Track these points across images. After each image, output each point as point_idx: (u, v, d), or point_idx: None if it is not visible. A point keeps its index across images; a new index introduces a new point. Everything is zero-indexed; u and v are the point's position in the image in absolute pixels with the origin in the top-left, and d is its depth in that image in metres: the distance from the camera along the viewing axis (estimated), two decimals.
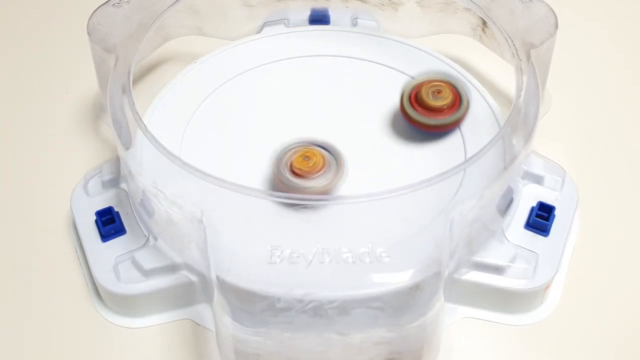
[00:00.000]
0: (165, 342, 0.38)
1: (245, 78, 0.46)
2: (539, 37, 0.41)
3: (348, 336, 0.34)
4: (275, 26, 0.49)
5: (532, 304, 0.39)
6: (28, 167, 0.46)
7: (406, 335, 0.34)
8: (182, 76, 0.45)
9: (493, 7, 0.44)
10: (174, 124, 0.43)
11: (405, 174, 0.40)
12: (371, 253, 0.35)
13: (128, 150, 0.38)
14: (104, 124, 0.47)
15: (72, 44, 0.53)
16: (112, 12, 0.44)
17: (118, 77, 0.40)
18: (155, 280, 0.38)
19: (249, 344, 0.34)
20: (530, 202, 0.41)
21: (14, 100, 0.50)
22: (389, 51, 0.47)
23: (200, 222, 0.35)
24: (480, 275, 0.38)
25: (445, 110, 0.40)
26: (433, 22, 0.48)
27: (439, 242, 0.35)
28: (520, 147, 0.38)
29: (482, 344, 0.38)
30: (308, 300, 0.33)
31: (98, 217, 0.40)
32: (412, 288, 0.34)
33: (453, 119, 0.40)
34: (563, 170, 0.42)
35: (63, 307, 0.39)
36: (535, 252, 0.38)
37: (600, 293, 0.40)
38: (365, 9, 0.49)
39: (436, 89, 0.40)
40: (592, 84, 0.50)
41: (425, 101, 0.40)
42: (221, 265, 0.34)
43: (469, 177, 0.38)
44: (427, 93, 0.40)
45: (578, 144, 0.47)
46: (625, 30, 0.54)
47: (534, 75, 0.40)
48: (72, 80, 0.51)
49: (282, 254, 0.34)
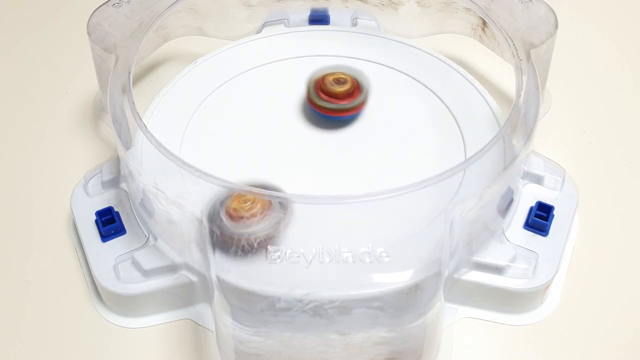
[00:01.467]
0: (165, 342, 0.38)
1: (245, 78, 0.46)
2: (539, 37, 0.41)
3: (348, 336, 0.34)
4: (275, 26, 0.49)
5: (532, 304, 0.39)
6: (28, 167, 0.46)
7: (406, 335, 0.34)
8: (182, 76, 0.45)
9: (493, 7, 0.44)
10: (174, 124, 0.43)
11: (405, 174, 0.40)
12: (371, 253, 0.35)
13: (128, 150, 0.38)
14: (104, 124, 0.47)
15: (72, 44, 0.53)
16: (112, 12, 0.44)
17: (118, 77, 0.40)
18: (155, 280, 0.38)
19: (249, 344, 0.34)
20: (530, 202, 0.41)
21: (14, 100, 0.50)
22: (389, 51, 0.47)
23: (200, 221, 0.35)
24: (480, 275, 0.38)
25: (346, 97, 0.42)
26: (433, 22, 0.48)
27: (439, 242, 0.35)
28: (520, 147, 0.38)
29: (482, 343, 0.38)
30: (308, 300, 0.33)
31: (98, 217, 0.40)
32: (412, 288, 0.34)
33: (353, 104, 0.42)
34: (563, 170, 0.42)
35: (63, 307, 0.39)
36: (535, 252, 0.38)
37: (600, 293, 0.40)
38: (365, 9, 0.49)
39: (337, 78, 0.43)
40: (592, 84, 0.50)
41: (329, 88, 0.42)
42: (221, 265, 0.34)
43: (469, 177, 0.38)
44: (331, 82, 0.42)
45: (578, 144, 0.47)
46: (625, 30, 0.54)
47: (533, 75, 0.40)
48: (72, 80, 0.51)
49: (282, 253, 0.34)
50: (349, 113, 0.43)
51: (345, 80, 0.42)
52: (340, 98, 0.42)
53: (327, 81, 0.42)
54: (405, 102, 0.44)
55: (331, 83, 0.42)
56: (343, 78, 0.43)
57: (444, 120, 0.43)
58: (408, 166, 0.41)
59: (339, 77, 0.43)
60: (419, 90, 0.45)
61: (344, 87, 0.42)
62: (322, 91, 0.42)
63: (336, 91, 0.42)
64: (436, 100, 0.44)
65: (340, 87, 0.42)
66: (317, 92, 0.43)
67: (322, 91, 0.42)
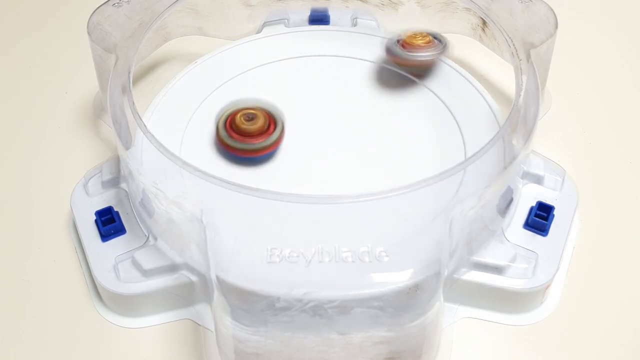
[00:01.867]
0: (165, 342, 0.38)
1: (245, 78, 0.46)
2: (539, 37, 0.41)
3: (348, 336, 0.34)
4: (275, 26, 0.49)
5: (532, 304, 0.39)
6: (28, 167, 0.46)
7: (406, 334, 0.34)
8: (182, 76, 0.45)
9: (493, 7, 0.44)
10: (174, 124, 0.43)
11: (405, 174, 0.40)
12: (371, 252, 0.34)
13: (128, 150, 0.38)
14: (104, 124, 0.47)
15: (72, 44, 0.53)
16: (112, 12, 0.44)
17: (118, 77, 0.40)
18: (155, 280, 0.38)
19: (249, 344, 0.34)
20: (530, 202, 0.41)
21: (14, 100, 0.50)
22: None
23: (200, 221, 0.35)
24: (480, 275, 0.38)
25: (258, 135, 0.40)
26: (433, 22, 0.48)
27: (439, 242, 0.35)
28: (519, 147, 0.38)
29: (481, 343, 0.38)
30: (308, 299, 0.33)
31: (98, 217, 0.40)
32: (412, 288, 0.34)
33: (266, 143, 0.40)
34: (563, 170, 0.42)
35: (63, 306, 0.39)
36: (535, 252, 0.38)
37: (600, 293, 0.40)
38: (365, 9, 0.49)
39: (248, 115, 0.40)
40: (592, 84, 0.50)
41: (239, 126, 0.40)
42: (221, 265, 0.34)
43: (468, 177, 0.38)
44: (241, 119, 0.40)
45: (578, 144, 0.47)
46: (625, 30, 0.54)
47: (533, 75, 0.40)
48: (72, 80, 0.51)
49: (282, 253, 0.34)
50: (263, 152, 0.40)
51: (255, 115, 0.40)
52: (252, 136, 0.40)
53: (236, 118, 0.40)
54: (405, 102, 0.44)
55: (241, 120, 0.40)
56: (253, 113, 0.40)
57: (444, 120, 0.43)
58: (408, 166, 0.41)
59: (248, 113, 0.40)
60: (419, 90, 0.45)
61: (256, 125, 0.40)
62: (233, 129, 0.40)
63: (248, 129, 0.40)
64: (436, 100, 0.44)
65: (252, 124, 0.40)
66: (228, 130, 0.40)
67: (233, 129, 0.40)
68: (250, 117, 0.40)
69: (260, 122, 0.40)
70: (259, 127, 0.40)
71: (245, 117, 0.40)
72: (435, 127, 0.43)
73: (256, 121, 0.40)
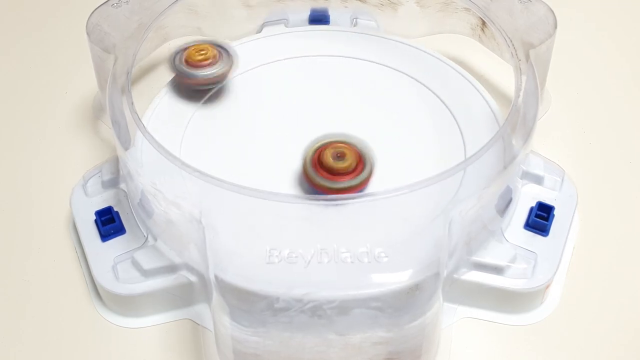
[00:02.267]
0: (165, 342, 0.38)
1: (245, 78, 0.46)
2: (538, 37, 0.41)
3: (347, 336, 0.34)
4: (275, 26, 0.49)
5: (531, 304, 0.39)
6: (28, 167, 0.46)
7: (405, 335, 0.34)
8: None
9: (492, 7, 0.44)
10: (174, 124, 0.43)
11: (405, 174, 0.40)
12: (370, 253, 0.34)
13: (127, 151, 0.38)
14: (103, 124, 0.47)
15: (72, 44, 0.53)
16: (112, 12, 0.44)
17: (117, 77, 0.40)
18: (155, 280, 0.38)
19: (248, 344, 0.34)
20: (529, 202, 0.41)
21: (14, 100, 0.50)
22: (389, 51, 0.47)
23: (199, 222, 0.35)
24: (480, 275, 0.38)
25: (348, 173, 0.38)
26: (432, 22, 0.48)
27: (438, 242, 0.34)
28: (519, 147, 0.37)
29: (481, 344, 0.38)
30: (307, 300, 0.33)
31: (98, 217, 0.40)
32: (412, 288, 0.34)
33: (356, 182, 0.38)
34: (562, 170, 0.42)
35: (62, 307, 0.40)
36: (535, 252, 0.38)
37: (600, 293, 0.40)
38: (365, 9, 0.49)
39: (338, 151, 0.38)
40: (592, 84, 0.50)
41: (328, 164, 0.38)
42: (220, 265, 0.34)
43: (468, 177, 0.38)
44: (329, 155, 0.38)
45: (578, 144, 0.47)
46: (625, 30, 0.54)
47: (533, 75, 0.40)
48: (72, 80, 0.51)
49: (281, 254, 0.34)
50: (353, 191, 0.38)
51: (344, 153, 0.38)
52: (341, 174, 0.38)
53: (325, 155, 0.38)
54: (405, 102, 0.44)
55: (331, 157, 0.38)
56: (342, 151, 0.38)
57: (444, 120, 0.43)
58: (407, 166, 0.41)
59: (338, 151, 0.38)
60: (419, 90, 0.45)
61: (345, 163, 0.38)
62: (321, 166, 0.38)
63: (337, 167, 0.38)
64: (436, 100, 0.44)
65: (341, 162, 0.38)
66: (315, 167, 0.38)
67: (321, 166, 0.38)
68: (340, 154, 0.38)
69: (350, 160, 0.38)
70: (347, 166, 0.38)
71: (334, 155, 0.38)
72: (435, 127, 0.43)
73: (346, 159, 0.38)
